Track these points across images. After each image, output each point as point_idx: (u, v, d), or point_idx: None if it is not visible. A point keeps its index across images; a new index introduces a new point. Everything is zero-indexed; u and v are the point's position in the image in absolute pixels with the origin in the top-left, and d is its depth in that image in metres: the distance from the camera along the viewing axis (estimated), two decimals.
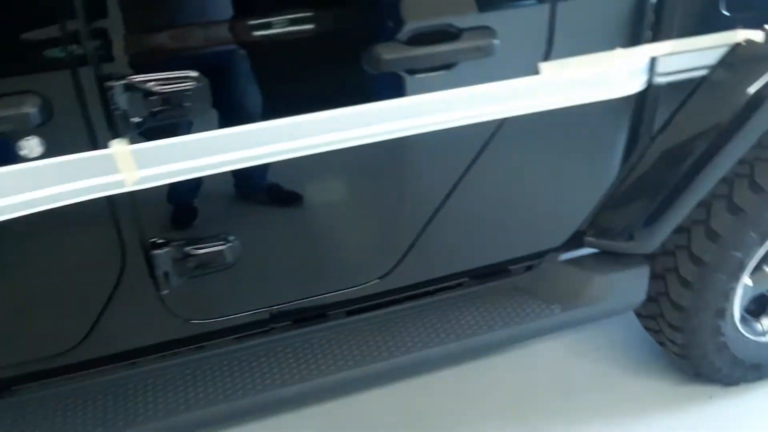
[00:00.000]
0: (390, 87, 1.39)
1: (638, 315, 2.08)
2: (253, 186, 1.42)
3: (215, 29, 1.26)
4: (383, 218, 1.59)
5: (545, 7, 1.42)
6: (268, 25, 1.28)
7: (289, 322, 1.67)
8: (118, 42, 1.20)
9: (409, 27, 1.35)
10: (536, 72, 1.47)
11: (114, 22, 1.19)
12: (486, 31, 1.39)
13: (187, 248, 1.41)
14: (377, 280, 1.63)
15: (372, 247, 1.62)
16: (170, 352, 1.60)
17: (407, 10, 1.35)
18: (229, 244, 1.43)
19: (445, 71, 1.40)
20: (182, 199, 1.38)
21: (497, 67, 1.43)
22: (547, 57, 1.46)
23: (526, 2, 1.44)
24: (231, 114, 1.31)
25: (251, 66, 1.30)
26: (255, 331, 1.64)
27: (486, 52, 1.39)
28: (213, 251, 1.42)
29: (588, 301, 1.76)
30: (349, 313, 1.72)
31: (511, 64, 1.45)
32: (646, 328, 2.10)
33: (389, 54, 1.33)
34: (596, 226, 1.79)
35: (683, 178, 1.68)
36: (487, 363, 2.24)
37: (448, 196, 1.57)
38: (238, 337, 1.64)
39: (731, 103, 1.61)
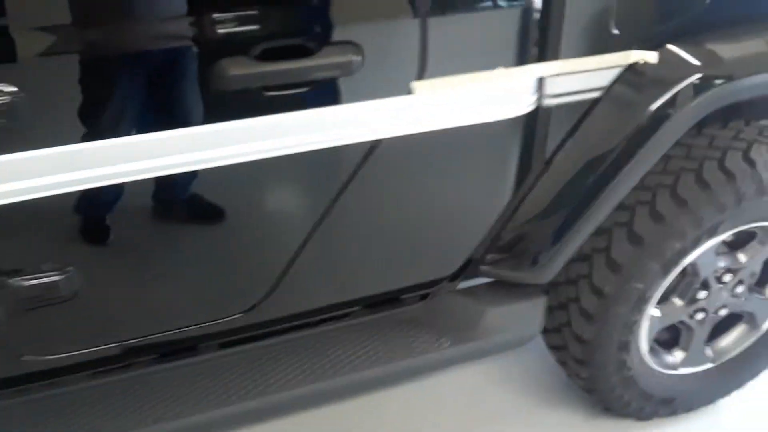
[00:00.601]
0: (244, 106, 1.27)
1: (549, 347, 1.98)
2: (92, 212, 1.29)
3: (36, 36, 1.13)
4: (243, 249, 1.46)
5: (415, 23, 1.31)
6: (98, 35, 1.15)
7: (153, 356, 1.54)
8: None
9: (261, 41, 1.23)
10: (409, 91, 1.36)
11: None
12: (347, 47, 1.27)
13: (13, 279, 1.27)
14: (241, 315, 1.50)
15: (231, 279, 1.49)
16: (15, 389, 1.46)
17: (258, 22, 1.23)
18: (65, 275, 1.30)
19: (307, 89, 1.29)
20: (8, 225, 1.24)
21: (364, 86, 1.32)
22: (420, 76, 1.36)
23: (393, 18, 1.32)
24: (55, 133, 1.17)
25: (78, 82, 1.16)
26: (111, 366, 1.51)
27: (346, 69, 1.28)
28: (45, 283, 1.29)
29: (478, 334, 1.66)
30: (223, 346, 1.60)
31: (379, 82, 1.34)
32: (557, 361, 2.01)
33: (237, 69, 1.22)
34: (491, 254, 1.69)
35: (578, 205, 1.59)
36: (394, 390, 2.13)
37: (319, 223, 1.45)
38: (95, 373, 1.51)
39: (625, 128, 1.52)
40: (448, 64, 1.37)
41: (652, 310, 1.81)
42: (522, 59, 1.42)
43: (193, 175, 1.30)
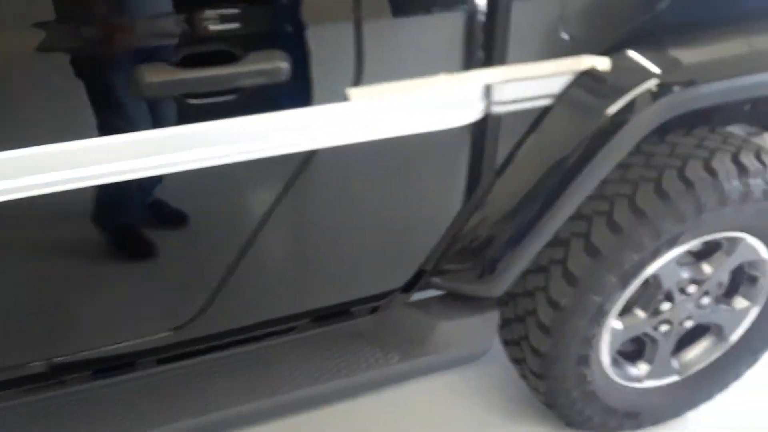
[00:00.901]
0: (165, 114, 1.21)
1: (510, 360, 1.92)
2: (12, 222, 1.22)
3: None
4: (175, 262, 1.39)
5: (348, 27, 1.25)
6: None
7: (86, 373, 1.49)
8: None
9: (181, 46, 1.16)
10: (345, 99, 1.29)
11: None
12: (274, 53, 1.21)
13: None
14: (172, 332, 1.44)
15: (160, 294, 1.42)
16: None
17: (179, 28, 1.16)
18: None
19: (234, 96, 1.22)
20: None
21: (295, 93, 1.26)
22: (357, 82, 1.29)
23: (324, 22, 1.25)
24: None
25: None
26: (43, 383, 1.45)
27: (273, 76, 1.21)
28: None
29: (429, 349, 1.60)
30: (162, 362, 1.54)
31: (312, 89, 1.27)
32: (519, 374, 1.95)
33: (153, 76, 1.15)
34: (442, 265, 1.63)
35: (531, 215, 1.53)
36: (354, 402, 2.07)
37: (256, 235, 1.39)
38: (26, 390, 1.45)
39: (578, 136, 1.46)
40: (389, 71, 1.31)
41: (614, 323, 1.75)
42: (466, 65, 1.36)
43: (121, 186, 1.23)
